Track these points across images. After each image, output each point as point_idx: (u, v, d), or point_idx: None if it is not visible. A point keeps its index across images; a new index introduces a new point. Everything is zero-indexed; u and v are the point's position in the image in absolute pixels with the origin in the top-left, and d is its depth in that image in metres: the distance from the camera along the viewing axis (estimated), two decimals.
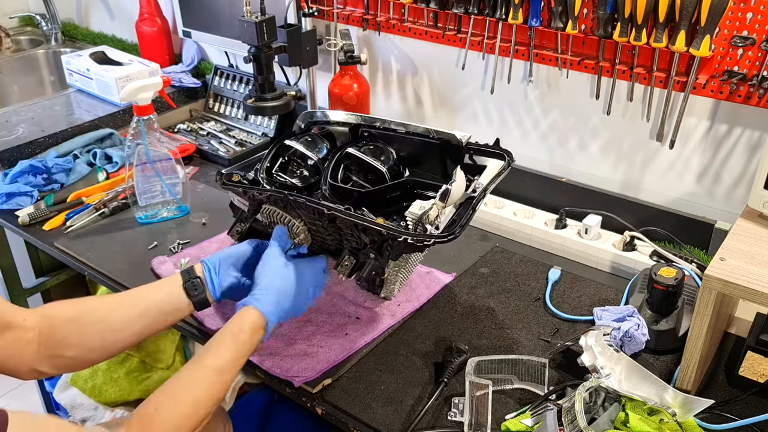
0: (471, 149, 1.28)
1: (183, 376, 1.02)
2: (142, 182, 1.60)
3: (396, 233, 1.09)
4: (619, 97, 1.47)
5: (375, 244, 1.14)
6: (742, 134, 1.35)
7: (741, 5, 1.23)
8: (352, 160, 1.34)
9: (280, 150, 1.40)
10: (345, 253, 1.19)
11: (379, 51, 1.84)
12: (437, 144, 1.30)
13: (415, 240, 1.08)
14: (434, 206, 1.14)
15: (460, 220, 1.13)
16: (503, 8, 1.48)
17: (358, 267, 1.18)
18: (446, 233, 1.10)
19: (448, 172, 1.29)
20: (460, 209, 1.17)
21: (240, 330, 1.05)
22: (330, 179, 1.30)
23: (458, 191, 1.15)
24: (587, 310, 1.31)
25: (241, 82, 2.10)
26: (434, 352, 1.23)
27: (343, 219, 1.13)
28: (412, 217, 1.16)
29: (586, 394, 1.01)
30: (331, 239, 1.24)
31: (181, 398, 0.98)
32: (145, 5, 2.24)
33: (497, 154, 1.25)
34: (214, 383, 1.01)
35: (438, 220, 1.13)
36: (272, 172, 1.38)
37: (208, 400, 1.00)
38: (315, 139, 1.40)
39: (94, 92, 2.16)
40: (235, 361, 1.04)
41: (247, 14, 1.55)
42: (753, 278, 0.99)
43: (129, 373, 1.71)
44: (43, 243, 1.58)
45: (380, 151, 1.34)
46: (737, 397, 1.10)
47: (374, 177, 1.33)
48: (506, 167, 1.22)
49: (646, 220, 1.46)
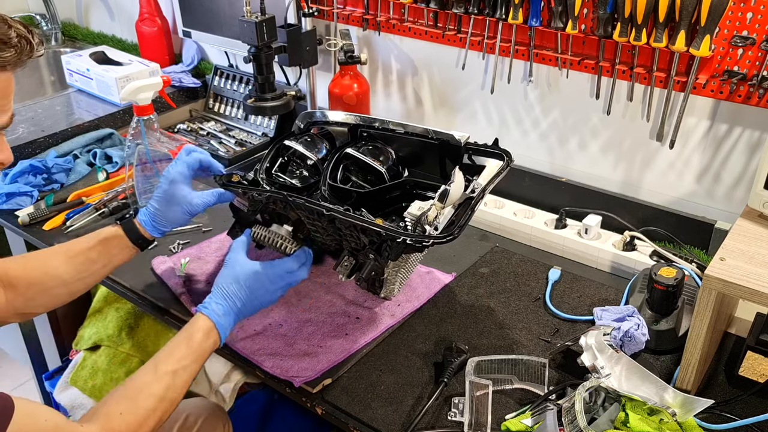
0: (470, 149, 1.28)
1: (142, 380, 1.04)
2: (142, 182, 1.60)
3: (395, 234, 1.09)
4: (619, 97, 1.47)
5: (374, 244, 1.14)
6: (742, 134, 1.35)
7: (741, 5, 1.23)
8: (351, 160, 1.34)
9: (279, 150, 1.40)
10: (344, 254, 1.19)
11: (379, 51, 1.84)
12: (436, 144, 1.30)
13: (414, 241, 1.09)
14: (433, 207, 1.14)
15: (459, 220, 1.13)
16: (503, 8, 1.48)
17: (358, 267, 1.18)
18: (445, 234, 1.10)
19: (447, 171, 1.29)
20: (459, 210, 1.17)
21: (191, 335, 1.09)
22: (329, 180, 1.30)
23: (457, 192, 1.15)
24: (587, 310, 1.31)
25: (241, 82, 2.10)
26: (434, 352, 1.23)
27: (342, 220, 1.13)
28: (411, 217, 1.16)
29: (586, 394, 1.02)
30: (331, 240, 1.24)
31: (142, 403, 1.01)
32: (145, 5, 2.24)
33: (496, 154, 1.25)
34: (170, 387, 1.04)
35: (437, 221, 1.13)
36: (272, 172, 1.38)
37: (167, 403, 1.04)
38: (314, 139, 1.40)
39: (94, 92, 2.16)
40: (189, 365, 1.07)
41: (247, 14, 1.55)
42: (753, 278, 0.99)
43: (129, 373, 1.70)
44: (43, 243, 1.58)
45: (379, 152, 1.34)
46: (737, 397, 1.10)
47: (373, 177, 1.33)
48: (505, 167, 1.22)
49: (646, 220, 1.46)
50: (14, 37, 0.89)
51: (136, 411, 1.00)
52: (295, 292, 1.36)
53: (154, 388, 1.02)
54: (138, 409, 1.00)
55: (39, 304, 1.23)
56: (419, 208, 1.16)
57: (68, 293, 1.24)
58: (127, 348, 1.73)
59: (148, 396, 1.01)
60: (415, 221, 1.15)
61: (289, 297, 1.34)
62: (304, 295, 1.37)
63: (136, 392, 1.02)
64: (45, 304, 1.25)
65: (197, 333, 1.09)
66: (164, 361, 1.06)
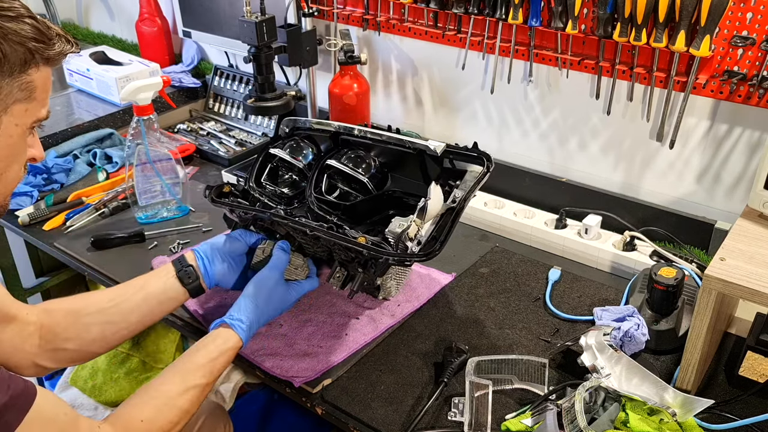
0: (450, 153, 1.25)
1: (170, 390, 1.04)
2: (142, 182, 1.60)
3: (377, 254, 1.10)
4: (619, 97, 1.47)
5: (360, 260, 1.15)
6: (742, 134, 1.35)
7: (741, 5, 1.23)
8: (334, 170, 1.33)
9: (267, 158, 1.40)
10: (335, 265, 1.21)
11: (379, 51, 1.84)
12: (415, 153, 1.27)
13: (395, 260, 1.10)
14: (413, 223, 1.13)
15: (440, 236, 1.13)
16: (503, 8, 1.48)
17: (350, 278, 1.20)
18: (425, 252, 1.11)
19: (430, 175, 1.28)
20: (441, 220, 1.16)
21: (224, 353, 1.10)
22: (315, 190, 1.30)
23: (435, 207, 1.14)
24: (587, 310, 1.31)
25: (241, 82, 2.10)
26: (434, 352, 1.23)
27: (326, 239, 1.15)
28: (392, 235, 1.14)
29: (586, 394, 1.02)
30: (322, 251, 1.25)
31: (166, 414, 1.01)
32: (145, 5, 2.24)
33: (476, 158, 1.22)
34: (195, 401, 1.05)
35: (419, 235, 1.13)
36: (261, 181, 1.38)
37: (188, 417, 1.05)
38: (300, 144, 1.39)
39: (94, 92, 2.16)
40: (214, 381, 1.09)
41: (247, 14, 1.55)
42: (753, 278, 0.99)
43: (129, 373, 1.71)
44: (43, 243, 1.58)
45: (361, 160, 1.33)
46: (737, 397, 1.10)
47: (358, 185, 1.33)
48: (485, 173, 1.20)
49: (646, 220, 1.46)
50: (55, 35, 0.91)
51: (158, 421, 1.00)
52: None
53: (181, 401, 1.03)
54: (161, 420, 1.00)
55: (71, 336, 1.14)
56: (399, 225, 1.14)
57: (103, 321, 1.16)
58: (127, 348, 1.73)
59: (172, 408, 1.02)
60: (397, 238, 1.13)
61: None
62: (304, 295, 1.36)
63: (161, 402, 1.02)
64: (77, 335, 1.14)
65: (229, 352, 1.10)
66: (193, 373, 1.05)
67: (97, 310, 1.16)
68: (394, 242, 1.13)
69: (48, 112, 0.95)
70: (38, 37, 0.88)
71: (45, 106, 0.94)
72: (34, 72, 0.89)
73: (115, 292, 1.19)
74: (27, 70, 0.88)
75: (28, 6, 0.90)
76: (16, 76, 0.87)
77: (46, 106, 0.95)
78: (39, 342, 1.11)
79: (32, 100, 0.91)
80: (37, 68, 0.90)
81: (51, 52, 0.90)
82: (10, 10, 0.86)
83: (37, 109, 0.92)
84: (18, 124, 0.90)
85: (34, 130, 0.96)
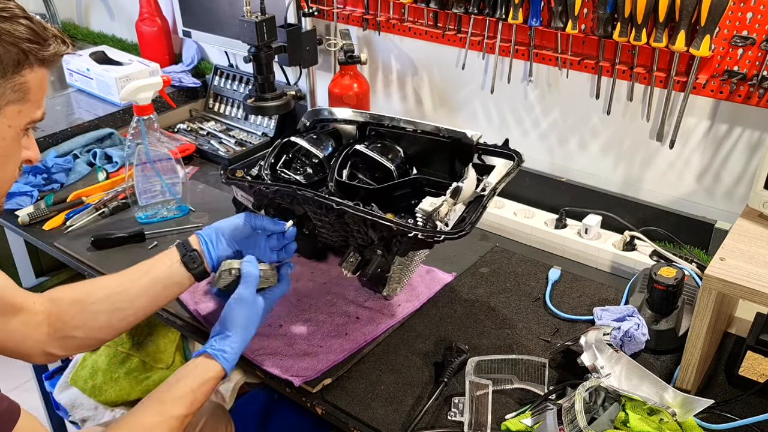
0: (480, 149, 1.27)
1: (149, 422, 1.01)
2: (142, 182, 1.60)
3: (406, 229, 1.09)
4: (619, 97, 1.47)
5: (383, 240, 1.14)
6: (742, 134, 1.35)
7: (741, 5, 1.23)
8: (359, 157, 1.33)
9: (284, 147, 1.40)
10: (350, 250, 1.19)
11: (379, 51, 1.84)
12: (446, 143, 1.29)
13: (425, 236, 1.08)
14: (445, 203, 1.13)
15: (470, 217, 1.13)
16: (503, 8, 1.48)
17: (364, 264, 1.18)
18: (456, 230, 1.10)
19: (456, 170, 1.29)
20: (469, 207, 1.17)
21: (206, 382, 1.07)
22: (336, 176, 1.30)
23: (469, 189, 1.15)
24: (587, 310, 1.31)
25: (241, 82, 2.10)
26: (434, 352, 1.23)
27: (352, 214, 1.12)
28: (423, 213, 1.15)
29: (586, 394, 1.01)
30: (337, 236, 1.23)
31: None
32: (145, 5, 2.24)
33: (507, 155, 1.25)
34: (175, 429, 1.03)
35: (448, 217, 1.13)
36: (276, 168, 1.38)
37: None
38: (320, 136, 1.39)
39: (94, 92, 2.16)
40: (194, 412, 1.07)
41: (247, 14, 1.55)
42: (753, 278, 0.99)
43: (129, 373, 1.71)
44: (43, 243, 1.58)
45: (388, 149, 1.34)
46: (737, 397, 1.10)
47: (381, 175, 1.33)
48: (516, 167, 1.22)
49: (646, 220, 1.46)
50: (51, 36, 0.91)
51: None
52: (295, 292, 1.37)
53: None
54: None
55: (79, 324, 1.14)
56: (431, 204, 1.15)
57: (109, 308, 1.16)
58: (126, 348, 1.73)
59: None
60: (427, 217, 1.14)
61: (288, 297, 1.34)
62: (304, 295, 1.37)
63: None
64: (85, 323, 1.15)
65: (211, 382, 1.07)
66: (173, 403, 1.03)
67: (102, 297, 1.16)
68: (423, 220, 1.13)
69: (43, 114, 0.95)
70: (33, 38, 0.87)
71: (40, 107, 0.94)
72: (28, 73, 0.89)
73: (120, 279, 1.19)
74: (20, 71, 0.88)
75: (24, 6, 0.89)
76: (9, 77, 0.87)
77: (41, 107, 0.94)
78: (48, 330, 1.12)
79: (26, 101, 0.90)
80: (31, 69, 0.89)
81: (45, 53, 0.90)
82: (5, 11, 0.85)
83: (32, 111, 0.92)
84: (11, 126, 0.90)
85: (29, 131, 0.95)
